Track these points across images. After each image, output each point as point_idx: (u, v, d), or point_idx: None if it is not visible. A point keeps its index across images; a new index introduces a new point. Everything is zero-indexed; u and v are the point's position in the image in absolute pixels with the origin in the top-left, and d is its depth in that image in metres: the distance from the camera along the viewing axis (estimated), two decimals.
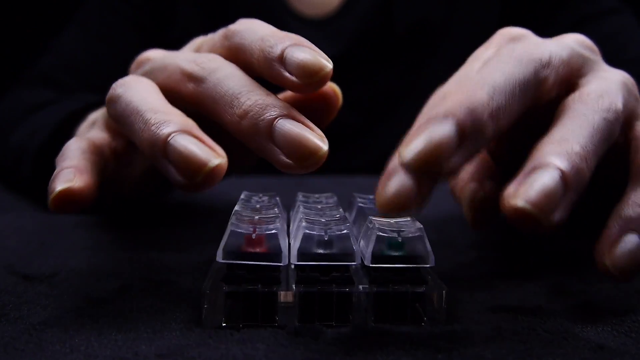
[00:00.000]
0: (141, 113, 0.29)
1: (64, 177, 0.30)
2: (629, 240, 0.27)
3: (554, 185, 0.24)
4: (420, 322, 0.26)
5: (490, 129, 0.25)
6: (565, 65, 0.30)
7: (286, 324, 0.25)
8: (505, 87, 0.26)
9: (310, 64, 0.28)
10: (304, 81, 0.28)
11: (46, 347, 0.23)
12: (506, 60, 0.28)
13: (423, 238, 0.26)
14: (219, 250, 0.26)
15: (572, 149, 0.26)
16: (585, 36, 0.33)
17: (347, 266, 0.26)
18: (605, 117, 0.27)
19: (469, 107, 0.25)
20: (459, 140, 0.24)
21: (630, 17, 0.70)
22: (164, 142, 0.27)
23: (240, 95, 0.29)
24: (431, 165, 0.24)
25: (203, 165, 0.27)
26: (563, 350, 0.23)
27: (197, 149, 0.27)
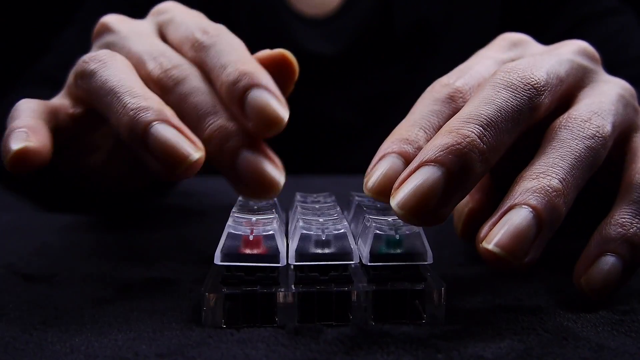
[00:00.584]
0: (118, 95, 0.29)
1: (18, 136, 0.30)
2: (605, 261, 0.27)
3: (527, 226, 0.25)
4: (420, 319, 0.26)
5: (480, 170, 0.25)
6: (563, 82, 0.29)
7: (286, 324, 0.25)
8: (496, 122, 0.26)
9: (268, 114, 0.28)
10: (259, 129, 0.28)
11: (46, 347, 0.23)
12: (500, 88, 0.27)
13: (421, 235, 0.26)
14: (216, 253, 0.26)
15: (550, 185, 0.26)
16: (587, 42, 0.33)
17: (346, 265, 0.26)
18: (589, 145, 0.27)
19: (459, 151, 0.25)
20: (448, 186, 0.25)
21: (630, 17, 0.70)
22: (144, 130, 0.28)
23: (205, 117, 0.29)
24: (419, 213, 0.24)
25: (184, 159, 0.27)
26: (563, 350, 0.23)
27: (178, 141, 0.27)
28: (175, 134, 0.28)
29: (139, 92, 0.29)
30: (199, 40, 0.32)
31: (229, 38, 0.32)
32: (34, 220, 0.45)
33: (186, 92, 0.30)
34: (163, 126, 0.28)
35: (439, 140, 0.25)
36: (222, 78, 0.30)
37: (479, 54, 0.34)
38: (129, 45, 0.33)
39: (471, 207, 0.35)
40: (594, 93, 0.30)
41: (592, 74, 0.31)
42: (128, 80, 0.30)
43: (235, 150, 0.28)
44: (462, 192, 0.25)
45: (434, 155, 0.25)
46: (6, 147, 0.30)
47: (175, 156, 0.27)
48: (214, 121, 0.29)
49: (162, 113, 0.28)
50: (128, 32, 0.35)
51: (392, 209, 0.25)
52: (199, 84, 0.31)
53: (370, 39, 0.70)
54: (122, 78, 0.30)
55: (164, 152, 0.27)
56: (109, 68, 0.31)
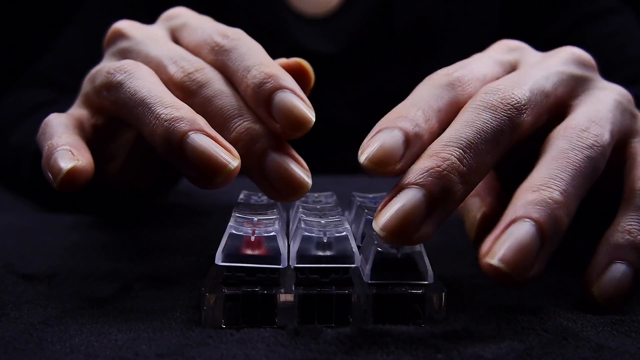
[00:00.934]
0: (150, 106, 0.29)
1: (64, 155, 0.30)
2: (616, 269, 0.27)
3: (530, 240, 0.25)
4: (419, 323, 0.26)
5: (460, 192, 0.26)
6: (550, 95, 0.29)
7: (286, 324, 0.25)
8: (477, 144, 0.26)
9: (296, 115, 0.28)
10: (286, 131, 0.29)
11: (46, 347, 0.23)
12: (480, 110, 0.27)
13: (422, 254, 0.26)
14: (217, 253, 0.26)
15: (552, 197, 0.26)
16: (581, 49, 0.33)
17: (347, 268, 0.26)
18: (588, 155, 0.27)
19: (439, 174, 0.25)
20: (429, 208, 0.25)
21: (630, 16, 0.70)
22: (180, 140, 0.28)
23: (231, 119, 0.29)
24: (401, 236, 0.25)
25: (223, 167, 0.27)
26: (563, 350, 0.23)
27: (215, 150, 0.27)
28: (211, 143, 0.28)
29: (170, 101, 0.29)
30: (220, 44, 0.32)
31: (249, 41, 0.32)
32: (34, 220, 0.45)
33: (211, 95, 0.30)
34: (199, 136, 0.28)
35: (420, 164, 0.26)
36: (248, 81, 0.30)
37: (477, 55, 0.34)
38: (147, 50, 0.33)
39: (484, 212, 0.35)
40: (590, 101, 0.30)
41: (587, 81, 0.31)
42: (157, 90, 0.30)
43: (263, 152, 0.29)
44: (443, 213, 0.26)
45: (414, 178, 0.25)
46: (55, 167, 0.30)
47: (214, 165, 0.27)
48: (240, 123, 0.29)
49: (196, 122, 0.28)
50: (143, 38, 0.34)
51: (375, 232, 0.25)
52: (223, 86, 0.31)
53: (370, 38, 0.70)
54: (151, 88, 0.30)
55: (203, 161, 0.27)
56: (137, 78, 0.31)
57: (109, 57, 0.36)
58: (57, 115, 0.34)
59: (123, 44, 0.35)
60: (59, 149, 0.30)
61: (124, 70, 0.31)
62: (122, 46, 0.35)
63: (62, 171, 0.29)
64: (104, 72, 0.32)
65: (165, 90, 0.30)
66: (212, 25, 0.34)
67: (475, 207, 0.36)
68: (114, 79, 0.31)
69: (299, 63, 0.33)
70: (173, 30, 0.36)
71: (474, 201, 0.36)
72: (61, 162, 0.29)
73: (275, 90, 0.29)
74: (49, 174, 0.30)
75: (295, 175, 0.28)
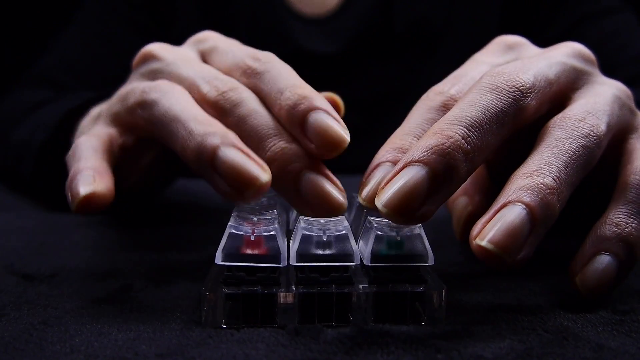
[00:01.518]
0: (183, 122, 0.30)
1: (86, 180, 0.31)
2: (600, 260, 0.27)
3: (520, 223, 0.25)
4: (420, 321, 0.26)
5: (464, 170, 0.26)
6: (554, 83, 0.29)
7: (286, 324, 0.25)
8: (481, 123, 0.26)
9: (331, 135, 0.29)
10: (321, 151, 0.29)
11: (46, 347, 0.23)
12: (485, 91, 0.27)
13: (422, 237, 0.26)
14: (217, 253, 0.26)
15: (544, 182, 0.26)
16: (582, 44, 0.33)
17: (346, 266, 0.26)
18: (583, 144, 0.27)
19: (443, 151, 0.25)
20: (432, 186, 0.25)
21: (630, 15, 0.70)
22: (212, 154, 0.28)
23: (266, 139, 0.30)
24: (403, 213, 0.25)
25: (254, 180, 0.27)
26: (563, 350, 0.23)
27: (246, 163, 0.28)
28: (242, 157, 0.28)
29: (203, 119, 0.30)
30: (252, 67, 0.32)
31: (280, 64, 0.33)
32: (34, 220, 0.45)
33: (245, 114, 0.30)
34: (230, 150, 0.28)
35: (424, 142, 0.26)
36: (281, 102, 0.30)
37: (473, 59, 0.34)
38: (179, 71, 0.34)
39: (470, 210, 0.35)
40: (588, 94, 0.30)
41: (587, 75, 0.31)
42: (191, 108, 0.31)
43: (299, 172, 0.29)
44: (446, 191, 0.25)
45: (418, 155, 0.25)
46: (74, 190, 0.30)
47: (245, 179, 0.27)
48: (275, 143, 0.29)
49: (228, 137, 0.28)
50: (174, 59, 0.35)
51: (378, 209, 0.25)
52: (257, 106, 0.31)
53: (369, 38, 0.70)
54: (185, 107, 0.31)
55: (234, 175, 0.28)
56: (171, 97, 0.31)
57: (139, 77, 0.36)
58: (88, 137, 0.35)
59: (154, 65, 0.35)
60: (82, 173, 0.31)
61: (159, 89, 0.32)
62: (153, 67, 0.35)
63: (80, 196, 0.30)
64: (139, 91, 0.33)
65: (198, 108, 0.31)
66: (243, 49, 0.35)
67: (462, 205, 0.36)
68: (148, 97, 0.32)
69: (332, 98, 0.34)
70: (203, 53, 0.36)
71: (462, 199, 0.36)
72: (81, 186, 0.30)
73: (309, 111, 0.29)
74: (69, 196, 0.31)
75: (332, 196, 0.29)
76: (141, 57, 0.37)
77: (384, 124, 0.77)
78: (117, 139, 0.35)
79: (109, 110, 0.36)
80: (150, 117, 0.32)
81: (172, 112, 0.31)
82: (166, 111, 0.31)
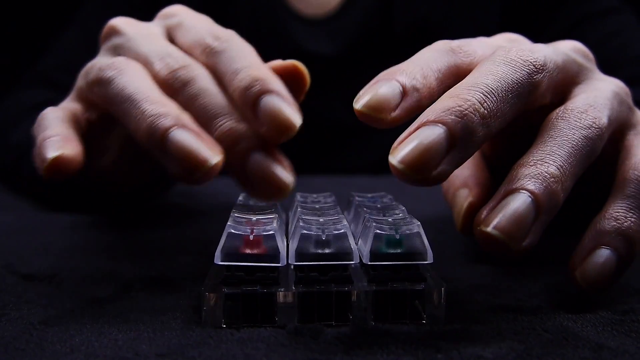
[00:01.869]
0: (137, 102, 0.29)
1: (53, 145, 0.31)
2: (600, 254, 0.27)
3: (525, 210, 0.25)
4: (419, 319, 0.26)
5: (481, 134, 0.25)
6: (560, 70, 0.30)
7: (286, 324, 0.25)
8: (497, 91, 0.26)
9: (281, 119, 0.28)
10: (271, 134, 0.28)
11: (46, 347, 0.23)
12: (499, 62, 0.28)
13: (421, 235, 0.26)
14: (217, 252, 0.26)
15: (548, 171, 0.26)
16: (581, 42, 0.33)
17: (346, 265, 0.26)
18: (586, 135, 0.27)
19: (460, 112, 0.25)
20: (449, 146, 0.25)
21: (630, 16, 0.70)
22: (163, 135, 0.28)
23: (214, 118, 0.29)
24: (420, 170, 0.24)
25: (203, 162, 0.27)
26: (563, 350, 0.23)
27: (197, 145, 0.27)
28: (193, 139, 0.28)
29: (156, 98, 0.29)
30: (211, 46, 0.32)
31: (240, 44, 0.32)
32: (34, 220, 0.45)
33: (194, 93, 0.30)
34: (181, 131, 0.28)
35: (440, 104, 0.25)
36: (235, 83, 0.30)
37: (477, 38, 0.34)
38: (137, 47, 0.34)
39: (471, 202, 0.35)
40: (589, 89, 0.30)
41: (587, 71, 0.32)
42: (145, 87, 0.30)
43: (246, 152, 0.29)
44: (463, 154, 0.25)
45: (434, 116, 0.25)
46: (41, 156, 0.30)
47: (195, 160, 0.27)
48: (223, 123, 0.29)
49: (180, 119, 0.28)
50: (135, 34, 0.35)
51: (392, 165, 0.25)
52: (208, 84, 0.31)
53: (369, 39, 0.70)
54: (139, 85, 0.30)
55: (183, 156, 0.27)
56: (126, 75, 0.31)
57: (103, 52, 0.36)
58: (53, 109, 0.35)
59: (116, 40, 0.35)
60: (49, 139, 0.31)
61: (115, 67, 0.32)
62: (115, 42, 0.35)
63: (47, 159, 0.30)
64: (96, 69, 0.33)
65: (153, 88, 0.31)
66: (206, 26, 0.34)
67: (462, 196, 0.36)
68: (104, 75, 0.32)
69: (294, 65, 0.33)
70: (169, 28, 0.36)
71: (462, 191, 0.36)
72: (48, 151, 0.30)
73: (262, 94, 0.29)
74: (37, 163, 0.31)
75: (277, 176, 0.28)
76: (106, 32, 0.37)
77: None
78: (82, 114, 0.35)
79: (75, 87, 0.36)
80: (105, 96, 0.32)
81: (126, 92, 0.30)
82: (120, 90, 0.31)
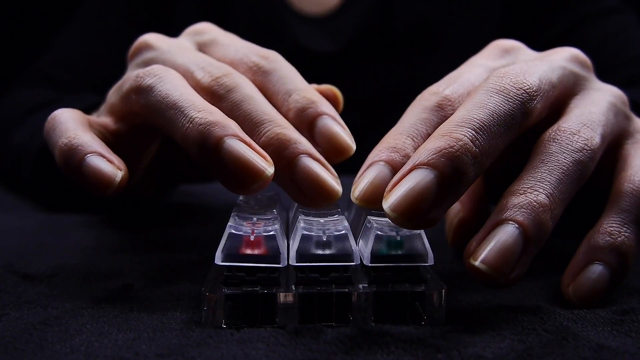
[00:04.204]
0: (182, 109, 0.29)
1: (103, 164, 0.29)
2: (593, 270, 0.27)
3: (513, 243, 0.25)
4: (420, 321, 0.26)
5: (472, 174, 0.25)
6: (555, 88, 0.29)
7: (286, 324, 0.25)
8: (489, 127, 0.26)
9: (339, 142, 0.29)
10: (328, 156, 0.29)
11: (46, 347, 0.23)
12: (492, 92, 0.27)
13: (422, 236, 0.26)
14: (217, 253, 0.26)
15: (537, 200, 0.26)
16: (579, 50, 0.33)
17: (346, 266, 0.26)
18: (577, 159, 0.27)
19: (451, 155, 0.25)
20: (441, 189, 0.25)
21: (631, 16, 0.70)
22: (216, 145, 0.27)
23: (260, 124, 0.29)
24: (412, 216, 0.24)
25: (260, 174, 0.27)
26: (563, 350, 0.23)
27: (252, 156, 0.27)
28: (247, 149, 0.27)
29: (203, 106, 0.29)
30: (259, 64, 0.32)
31: (287, 65, 0.33)
32: (34, 220, 0.45)
33: (239, 99, 0.30)
34: (234, 141, 0.27)
35: (432, 144, 0.25)
36: (289, 104, 0.30)
37: (470, 62, 0.34)
38: (173, 59, 0.33)
39: (462, 217, 0.35)
40: (584, 103, 0.30)
41: (584, 81, 0.31)
42: (188, 93, 0.30)
43: (294, 158, 0.29)
44: (454, 195, 0.25)
45: (426, 158, 0.25)
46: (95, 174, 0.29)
47: (251, 171, 0.27)
48: (270, 129, 0.29)
49: (230, 127, 0.28)
50: (169, 48, 0.35)
51: (385, 211, 0.25)
52: (252, 91, 0.31)
53: (370, 37, 0.70)
54: (182, 92, 0.30)
55: (240, 167, 0.27)
56: (167, 82, 0.30)
57: (134, 67, 0.36)
58: (65, 110, 0.33)
59: (149, 55, 0.35)
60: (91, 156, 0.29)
61: (154, 74, 0.31)
62: (147, 56, 0.35)
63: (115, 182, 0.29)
64: (133, 77, 0.32)
65: (196, 94, 0.30)
66: (246, 45, 0.34)
67: (454, 211, 0.36)
68: (144, 83, 0.31)
69: (331, 90, 0.34)
70: (200, 45, 0.36)
71: (454, 206, 0.36)
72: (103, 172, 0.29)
73: (317, 116, 0.29)
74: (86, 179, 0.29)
75: (326, 182, 0.28)
76: (136, 48, 0.36)
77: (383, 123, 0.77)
78: (109, 125, 0.34)
79: (105, 104, 0.36)
80: (147, 103, 0.31)
81: (170, 99, 0.29)
82: (163, 97, 0.30)
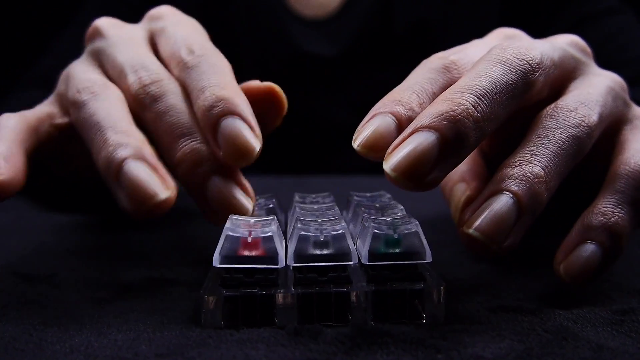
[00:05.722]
0: (102, 130, 0.29)
1: None
2: (585, 249, 0.27)
3: (507, 212, 0.25)
4: (419, 319, 0.26)
5: (474, 138, 0.25)
6: (557, 67, 0.30)
7: (286, 324, 0.25)
8: (491, 93, 0.26)
9: (240, 143, 0.28)
10: (228, 159, 0.29)
11: (46, 347, 0.23)
12: (495, 62, 0.27)
13: (419, 234, 0.26)
14: (215, 255, 0.26)
15: (532, 172, 0.26)
16: (579, 37, 0.33)
17: (344, 266, 0.26)
18: (573, 134, 0.27)
19: (453, 118, 0.25)
20: (442, 152, 0.25)
21: (630, 16, 0.70)
22: (118, 165, 0.28)
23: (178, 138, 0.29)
24: (413, 177, 0.25)
25: (151, 197, 0.27)
26: (563, 350, 0.23)
27: (148, 179, 0.27)
28: (147, 171, 0.28)
29: (123, 128, 0.29)
30: (184, 60, 0.32)
31: (213, 59, 0.32)
32: (34, 220, 0.45)
33: (162, 110, 0.30)
34: (136, 163, 0.28)
35: (434, 108, 0.25)
36: (199, 102, 0.29)
37: (473, 42, 0.34)
38: (114, 55, 0.33)
39: (468, 195, 0.35)
40: (583, 85, 0.30)
41: (584, 66, 0.32)
42: (115, 115, 0.30)
43: (206, 175, 0.29)
44: (455, 159, 0.25)
45: (428, 121, 0.25)
46: None
47: (143, 194, 0.27)
48: (187, 144, 0.29)
49: (139, 150, 0.28)
50: (117, 39, 0.34)
51: (385, 172, 0.25)
52: (177, 102, 0.30)
53: (369, 40, 0.70)
54: (109, 113, 0.30)
55: (133, 189, 0.27)
56: (100, 100, 0.31)
57: (86, 55, 0.36)
58: (7, 116, 0.33)
59: (98, 44, 0.35)
60: None
61: (91, 91, 0.32)
62: (97, 46, 0.35)
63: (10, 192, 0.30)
64: (74, 89, 0.32)
65: (123, 116, 0.30)
66: (185, 36, 0.34)
67: (460, 191, 0.36)
68: (79, 98, 0.32)
69: (271, 88, 0.33)
70: (152, 33, 0.36)
71: (460, 186, 0.36)
72: None
73: (223, 115, 0.28)
74: None
75: (235, 201, 0.29)
76: (90, 33, 0.36)
77: None
78: (55, 118, 0.34)
79: (57, 90, 0.36)
80: (77, 120, 0.31)
81: (94, 118, 0.30)
82: (90, 115, 0.30)
